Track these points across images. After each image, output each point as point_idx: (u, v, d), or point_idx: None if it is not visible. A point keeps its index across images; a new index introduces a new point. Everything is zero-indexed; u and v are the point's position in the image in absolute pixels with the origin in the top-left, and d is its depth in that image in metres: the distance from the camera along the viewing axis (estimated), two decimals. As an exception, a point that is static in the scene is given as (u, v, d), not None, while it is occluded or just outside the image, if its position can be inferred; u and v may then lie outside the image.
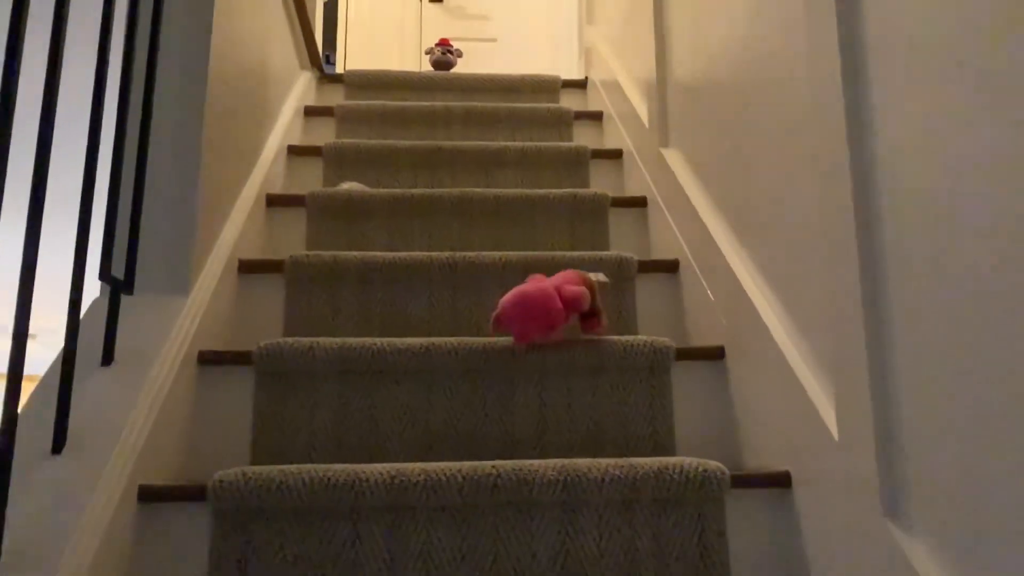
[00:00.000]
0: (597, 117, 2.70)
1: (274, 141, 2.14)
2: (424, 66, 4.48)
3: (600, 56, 2.83)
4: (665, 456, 1.43)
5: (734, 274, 1.46)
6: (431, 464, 1.20)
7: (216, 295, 1.53)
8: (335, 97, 2.85)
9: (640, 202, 2.06)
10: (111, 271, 1.21)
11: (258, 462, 1.39)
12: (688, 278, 1.72)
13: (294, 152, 2.29)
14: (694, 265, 1.68)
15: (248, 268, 1.70)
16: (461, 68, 3.43)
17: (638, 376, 1.48)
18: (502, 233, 2.00)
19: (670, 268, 1.78)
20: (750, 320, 1.38)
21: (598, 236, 2.03)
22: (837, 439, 1.08)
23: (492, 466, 1.19)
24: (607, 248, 2.02)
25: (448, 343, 1.46)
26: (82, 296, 1.09)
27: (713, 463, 1.23)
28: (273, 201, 1.99)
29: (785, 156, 1.28)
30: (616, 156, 2.36)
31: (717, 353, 1.50)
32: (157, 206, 1.41)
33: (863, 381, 1.01)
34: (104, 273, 1.21)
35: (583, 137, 2.65)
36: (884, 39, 0.99)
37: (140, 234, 1.33)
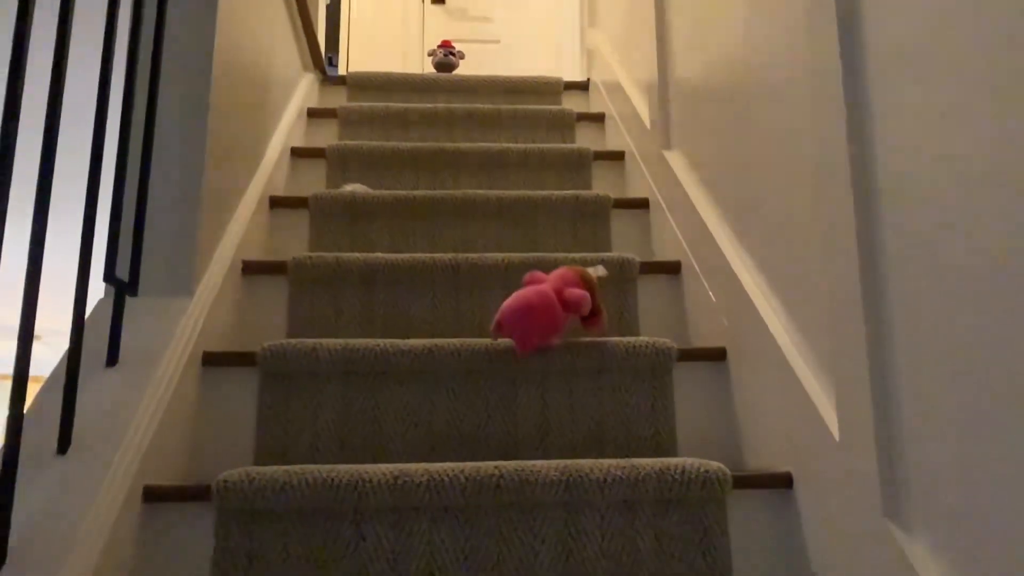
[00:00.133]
0: (599, 119, 2.70)
1: (277, 143, 2.14)
2: (426, 68, 4.48)
3: (602, 58, 2.83)
4: (667, 457, 1.43)
5: (735, 275, 1.46)
6: (434, 465, 1.21)
7: (220, 296, 1.54)
8: (338, 99, 2.86)
9: (642, 203, 2.07)
10: (116, 273, 1.22)
11: (262, 463, 1.40)
12: (690, 279, 1.72)
13: (297, 154, 2.30)
14: (696, 266, 1.68)
15: (252, 269, 1.70)
16: (463, 70, 3.44)
17: (640, 377, 1.48)
18: (504, 234, 2.01)
19: (672, 269, 1.78)
20: (751, 321, 1.38)
21: (600, 237, 2.03)
22: (838, 439, 1.08)
23: (495, 467, 1.20)
24: (609, 249, 2.03)
25: (451, 344, 1.46)
26: (87, 298, 1.10)
27: (715, 464, 1.23)
28: (276, 203, 2.00)
29: (786, 157, 1.29)
30: (618, 158, 2.37)
31: (719, 354, 1.51)
32: (161, 208, 1.42)
33: (863, 381, 1.01)
34: (109, 275, 1.21)
35: (585, 139, 2.65)
36: (883, 41, 1.00)
37: (144, 236, 1.34)
